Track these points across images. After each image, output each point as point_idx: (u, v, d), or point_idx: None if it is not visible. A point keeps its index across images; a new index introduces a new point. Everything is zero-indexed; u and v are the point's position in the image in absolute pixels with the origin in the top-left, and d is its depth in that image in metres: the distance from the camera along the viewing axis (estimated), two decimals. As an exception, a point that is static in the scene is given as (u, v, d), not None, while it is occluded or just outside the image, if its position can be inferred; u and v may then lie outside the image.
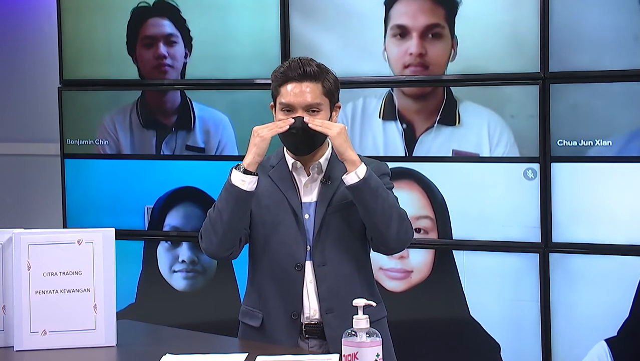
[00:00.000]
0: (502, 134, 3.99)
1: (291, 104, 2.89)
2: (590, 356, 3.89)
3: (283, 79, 2.91)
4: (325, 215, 2.91)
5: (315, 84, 2.90)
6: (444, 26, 4.05)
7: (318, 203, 2.93)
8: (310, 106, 2.89)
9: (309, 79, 2.89)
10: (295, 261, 2.92)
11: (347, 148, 2.84)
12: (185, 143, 4.47)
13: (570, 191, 3.91)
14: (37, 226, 3.87)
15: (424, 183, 4.11)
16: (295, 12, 4.27)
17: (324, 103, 2.91)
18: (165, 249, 4.55)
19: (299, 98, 2.88)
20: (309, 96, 2.88)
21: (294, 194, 2.94)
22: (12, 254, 2.88)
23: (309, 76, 2.89)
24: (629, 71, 3.80)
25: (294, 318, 2.92)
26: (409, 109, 4.13)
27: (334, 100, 2.95)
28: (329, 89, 2.92)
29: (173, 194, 4.52)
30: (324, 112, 2.91)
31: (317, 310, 2.93)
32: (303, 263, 2.92)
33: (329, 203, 2.92)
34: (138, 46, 4.52)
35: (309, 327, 2.93)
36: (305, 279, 2.93)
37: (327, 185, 2.93)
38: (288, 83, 2.90)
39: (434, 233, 4.12)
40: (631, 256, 3.83)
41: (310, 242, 2.92)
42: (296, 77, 2.89)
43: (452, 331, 4.13)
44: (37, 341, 2.86)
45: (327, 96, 2.92)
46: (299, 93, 2.88)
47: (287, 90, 2.90)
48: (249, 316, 3.00)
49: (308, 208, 2.94)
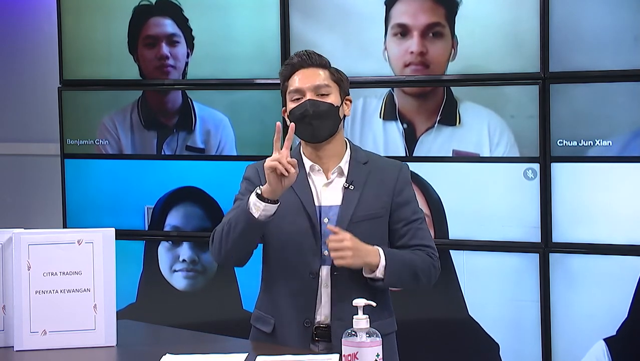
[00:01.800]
0: (502, 134, 3.99)
1: (300, 89, 2.87)
2: (589, 356, 3.89)
3: (291, 70, 2.91)
4: (349, 222, 2.86)
5: (323, 70, 2.90)
6: (445, 25, 4.05)
7: (342, 208, 2.88)
8: (318, 87, 2.87)
9: (316, 65, 2.90)
10: (310, 269, 2.88)
11: (363, 261, 2.79)
12: (185, 144, 4.47)
13: (570, 191, 3.91)
14: (37, 226, 3.87)
15: (420, 181, 4.11)
16: (295, 12, 4.27)
17: (332, 87, 2.89)
18: (165, 249, 4.55)
19: (306, 82, 2.87)
20: (317, 78, 2.88)
21: (310, 199, 2.89)
22: (12, 254, 2.87)
23: (316, 63, 2.90)
24: (629, 71, 3.80)
25: (306, 325, 2.89)
26: (409, 108, 4.13)
27: (343, 88, 2.93)
28: (338, 77, 2.92)
29: (174, 194, 4.52)
30: (333, 95, 2.89)
31: (328, 315, 2.89)
32: (318, 271, 2.88)
33: (354, 210, 2.88)
34: (139, 46, 4.52)
35: (320, 330, 2.89)
36: (321, 284, 2.89)
37: (350, 190, 2.90)
38: (296, 72, 2.90)
39: (430, 230, 4.12)
40: (631, 256, 3.83)
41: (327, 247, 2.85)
42: (304, 65, 2.89)
43: (451, 331, 4.13)
44: (37, 341, 2.86)
45: (336, 82, 2.90)
46: (306, 77, 2.88)
47: (294, 79, 2.89)
48: (262, 322, 2.97)
49: (327, 212, 2.89)
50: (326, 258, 2.87)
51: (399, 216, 2.92)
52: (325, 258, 2.87)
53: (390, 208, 2.92)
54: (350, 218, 2.86)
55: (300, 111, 2.85)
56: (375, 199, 2.90)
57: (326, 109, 2.86)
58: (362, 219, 2.88)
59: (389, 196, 2.92)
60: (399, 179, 2.93)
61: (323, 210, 2.89)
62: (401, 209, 2.93)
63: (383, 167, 2.96)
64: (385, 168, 2.96)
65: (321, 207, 2.89)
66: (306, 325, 2.88)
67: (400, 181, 2.93)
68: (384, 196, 2.91)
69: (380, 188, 2.91)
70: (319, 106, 2.85)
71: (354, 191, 2.89)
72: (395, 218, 2.92)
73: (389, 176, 2.94)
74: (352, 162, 2.92)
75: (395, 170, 2.95)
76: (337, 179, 2.91)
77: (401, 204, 2.93)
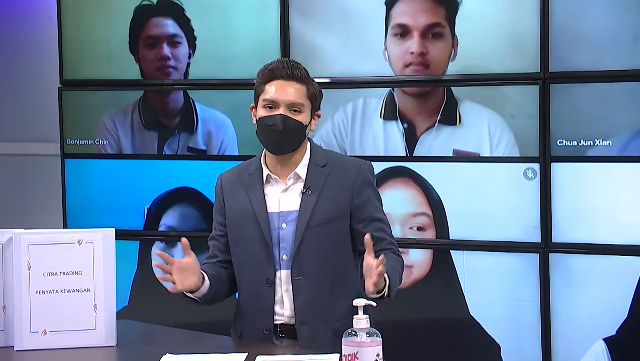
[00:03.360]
0: (502, 134, 3.99)
1: (275, 100, 2.89)
2: (589, 356, 3.89)
3: (270, 76, 2.92)
4: (307, 227, 2.90)
5: (301, 85, 2.92)
6: (445, 25, 4.05)
7: (300, 213, 2.91)
8: (293, 104, 2.89)
9: (296, 80, 2.91)
10: (266, 277, 2.92)
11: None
12: (187, 145, 4.47)
13: (570, 191, 3.91)
14: (37, 226, 3.87)
15: (421, 181, 4.11)
16: (295, 12, 4.27)
17: (306, 105, 2.92)
18: (160, 250, 4.53)
19: (283, 95, 2.89)
20: (294, 94, 2.89)
21: (262, 208, 2.93)
22: (12, 254, 2.88)
23: (296, 77, 2.91)
24: (629, 71, 3.80)
25: (266, 333, 2.92)
26: (409, 108, 4.13)
27: (316, 105, 2.96)
28: (313, 94, 2.94)
29: (169, 194, 4.51)
30: (305, 114, 2.92)
31: (292, 317, 2.92)
32: (273, 279, 2.91)
33: (311, 214, 2.91)
34: (140, 46, 4.52)
35: (285, 327, 2.93)
36: (281, 288, 2.92)
37: (308, 195, 2.93)
38: (274, 80, 2.91)
39: (431, 230, 4.12)
40: (631, 256, 3.82)
41: (287, 251, 2.91)
42: (284, 76, 2.91)
43: (452, 331, 4.13)
44: (37, 341, 2.86)
45: (310, 100, 2.93)
46: (284, 91, 2.89)
47: (272, 87, 2.91)
48: (233, 330, 3.05)
49: (286, 217, 2.92)
50: (284, 262, 2.91)
51: (360, 216, 2.95)
52: (283, 262, 2.91)
53: (349, 210, 2.94)
54: (308, 223, 2.90)
55: (270, 123, 2.89)
56: (333, 202, 2.93)
57: (295, 127, 2.89)
58: (319, 223, 2.91)
59: (347, 198, 2.94)
60: (357, 180, 2.96)
61: (281, 216, 2.93)
62: (361, 210, 2.95)
63: (342, 168, 2.99)
64: (344, 169, 2.98)
65: (280, 213, 2.93)
66: (266, 332, 2.93)
67: (358, 182, 2.96)
68: (342, 198, 2.94)
69: (337, 190, 2.94)
70: (288, 123, 2.88)
71: (311, 196, 2.92)
72: (357, 219, 2.95)
73: (348, 177, 2.96)
74: (311, 166, 2.95)
75: (354, 170, 2.97)
76: (295, 185, 2.95)
77: (360, 205, 2.95)
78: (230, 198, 3.00)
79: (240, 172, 3.01)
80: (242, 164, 3.08)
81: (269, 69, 2.93)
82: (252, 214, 2.93)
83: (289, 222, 2.92)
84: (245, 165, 3.04)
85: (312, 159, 2.96)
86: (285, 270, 2.92)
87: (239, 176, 3.00)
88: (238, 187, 2.98)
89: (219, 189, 3.04)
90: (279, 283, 2.92)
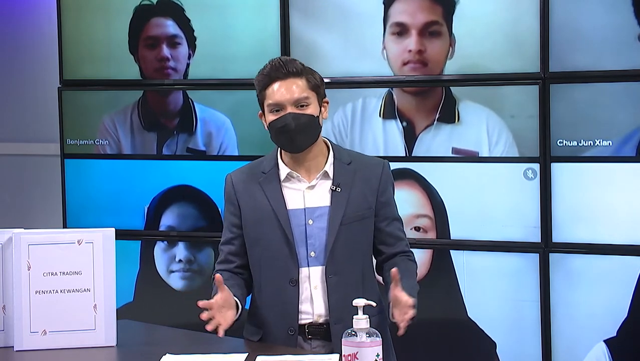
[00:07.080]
0: (500, 133, 3.99)
1: (280, 102, 2.87)
2: (589, 358, 3.89)
3: (267, 81, 2.90)
4: (340, 225, 2.88)
5: (300, 79, 2.89)
6: (442, 24, 4.05)
7: (331, 211, 2.89)
8: (298, 100, 2.87)
9: (293, 75, 2.88)
10: (289, 277, 2.89)
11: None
12: (186, 146, 4.47)
13: (570, 191, 3.91)
14: (37, 226, 3.87)
15: (424, 182, 4.11)
16: (295, 12, 4.27)
17: (311, 97, 2.89)
18: (161, 249, 4.54)
19: (286, 95, 2.87)
20: (296, 90, 2.87)
21: (282, 205, 2.90)
22: (12, 254, 2.88)
23: (293, 72, 2.88)
24: (629, 71, 3.80)
25: (290, 333, 2.89)
26: (408, 106, 4.13)
27: (320, 94, 2.93)
28: (315, 83, 2.91)
29: (168, 193, 4.51)
30: (312, 106, 2.89)
31: (322, 315, 2.89)
32: (297, 277, 2.88)
33: (344, 211, 2.89)
34: (140, 46, 4.52)
35: (313, 328, 2.90)
36: (310, 286, 2.89)
37: (338, 192, 2.91)
38: (273, 83, 2.88)
39: (432, 232, 4.12)
40: (631, 256, 3.82)
41: (316, 248, 2.88)
42: (280, 76, 2.88)
43: (452, 331, 4.13)
44: (37, 341, 2.86)
45: (313, 90, 2.90)
46: (285, 90, 2.87)
47: (273, 90, 2.88)
48: (250, 333, 3.00)
49: (313, 213, 2.90)
50: (312, 259, 2.89)
51: (384, 214, 2.96)
52: (312, 259, 2.89)
53: (374, 207, 2.95)
54: (341, 220, 2.88)
55: (281, 124, 2.87)
56: (363, 199, 2.92)
57: (307, 121, 2.87)
58: (352, 220, 2.90)
59: (374, 196, 2.94)
60: (382, 178, 2.96)
61: (308, 212, 2.90)
62: (385, 208, 2.96)
63: (367, 165, 2.99)
64: (368, 166, 2.98)
65: (306, 209, 2.90)
66: (290, 333, 2.89)
67: (383, 180, 2.96)
68: (369, 195, 2.94)
69: (365, 187, 2.94)
70: (300, 119, 2.86)
71: (342, 193, 2.90)
72: (381, 217, 2.96)
73: (374, 174, 2.96)
74: (336, 163, 2.94)
75: (379, 168, 2.98)
76: (321, 182, 2.93)
77: (385, 203, 2.96)
78: (245, 197, 2.95)
79: (252, 171, 2.97)
80: (250, 163, 3.04)
81: (263, 75, 2.91)
82: (271, 212, 2.89)
83: (316, 218, 2.89)
84: (256, 164, 3.00)
85: (337, 157, 2.94)
86: (314, 267, 2.89)
87: (251, 175, 2.96)
88: (252, 186, 2.94)
89: (230, 189, 2.98)
90: (306, 280, 2.89)
